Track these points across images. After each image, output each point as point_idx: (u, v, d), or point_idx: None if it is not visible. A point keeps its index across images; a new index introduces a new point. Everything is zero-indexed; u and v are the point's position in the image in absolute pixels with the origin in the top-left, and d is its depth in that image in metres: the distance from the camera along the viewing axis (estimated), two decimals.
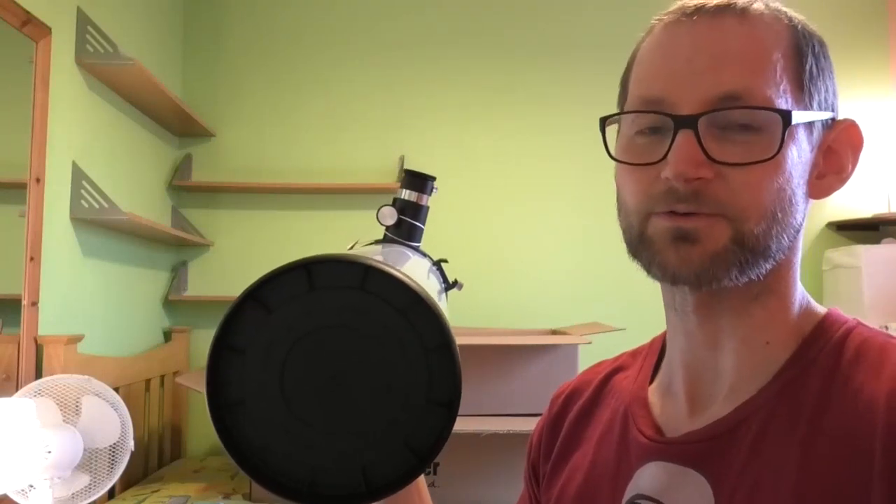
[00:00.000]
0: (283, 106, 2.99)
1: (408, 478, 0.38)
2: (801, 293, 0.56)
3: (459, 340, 0.37)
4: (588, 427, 0.65)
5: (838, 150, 0.55)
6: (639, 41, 0.59)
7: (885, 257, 2.64)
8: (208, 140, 2.97)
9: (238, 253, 2.93)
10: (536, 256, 2.98)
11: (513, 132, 3.02)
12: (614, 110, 0.60)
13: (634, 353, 0.69)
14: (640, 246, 0.55)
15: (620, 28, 3.04)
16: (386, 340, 0.38)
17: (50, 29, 1.93)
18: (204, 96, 2.96)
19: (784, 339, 0.53)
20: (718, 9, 0.52)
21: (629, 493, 0.55)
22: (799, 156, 0.51)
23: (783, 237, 0.51)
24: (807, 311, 0.55)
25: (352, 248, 0.63)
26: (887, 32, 3.06)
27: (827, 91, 0.54)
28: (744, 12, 0.52)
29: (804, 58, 0.52)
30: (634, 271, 0.57)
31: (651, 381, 0.63)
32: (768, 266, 0.52)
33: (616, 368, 0.68)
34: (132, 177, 2.53)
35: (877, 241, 2.82)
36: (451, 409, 0.38)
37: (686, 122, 0.50)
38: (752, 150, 0.49)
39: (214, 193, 2.94)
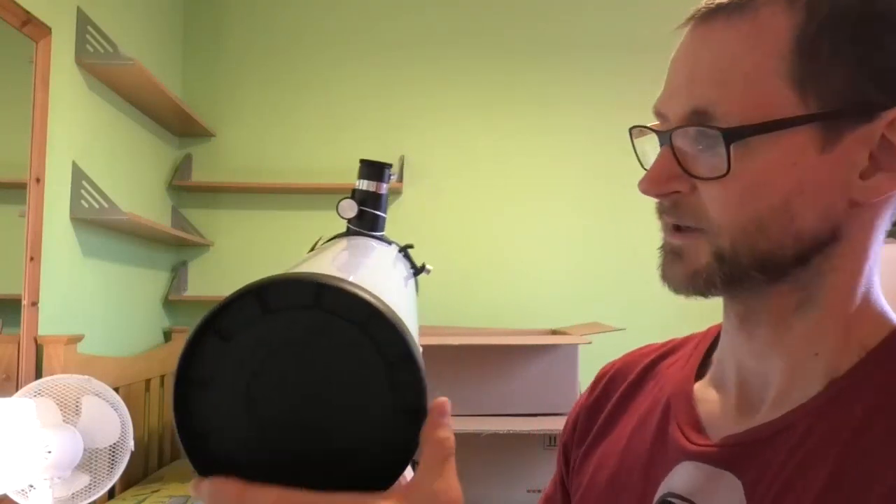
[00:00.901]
0: (283, 106, 2.99)
1: (384, 488, 0.39)
2: (865, 304, 0.52)
3: (460, 340, 0.37)
4: (626, 413, 0.64)
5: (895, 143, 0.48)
6: None
7: (886, 257, 2.63)
8: (208, 140, 2.97)
9: (238, 253, 2.93)
10: (536, 256, 2.98)
11: (513, 132, 3.02)
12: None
13: (686, 340, 0.66)
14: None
15: (621, 28, 3.05)
16: (347, 357, 0.37)
17: (50, 29, 1.93)
18: (204, 96, 2.96)
19: (838, 351, 0.50)
20: (709, 13, 0.50)
21: (661, 491, 0.54)
22: (793, 163, 0.48)
23: (781, 251, 0.49)
24: (875, 323, 0.51)
25: (314, 246, 0.62)
26: None
27: (857, 78, 0.47)
28: (733, 11, 0.49)
29: (808, 49, 0.47)
30: (634, 271, 0.57)
31: (698, 373, 0.61)
32: (771, 279, 0.50)
33: (665, 353, 0.66)
34: (132, 177, 2.53)
35: None
36: (417, 419, 0.38)
37: (663, 138, 0.52)
38: (717, 165, 0.48)
39: (214, 193, 2.94)
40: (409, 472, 0.60)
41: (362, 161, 0.67)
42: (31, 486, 1.54)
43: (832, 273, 0.50)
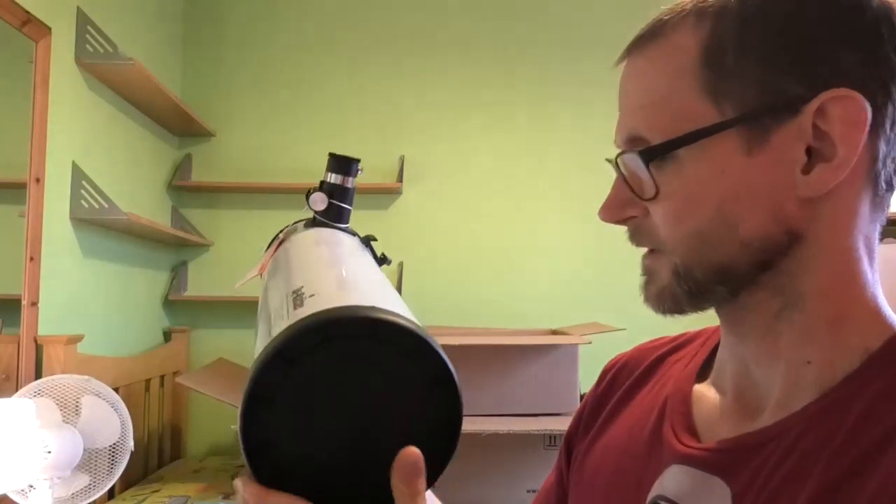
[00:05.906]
0: (283, 106, 2.99)
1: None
2: (857, 305, 0.49)
3: (460, 340, 0.41)
4: (627, 408, 0.63)
5: (828, 132, 0.46)
6: None
7: (885, 257, 2.62)
8: (208, 140, 2.97)
9: (238, 253, 2.93)
10: (536, 256, 2.98)
11: (513, 132, 3.02)
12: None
13: (697, 334, 0.65)
14: None
15: (621, 28, 3.03)
16: (395, 379, 0.42)
17: (50, 29, 1.93)
18: (204, 96, 2.96)
19: (833, 358, 0.48)
20: (632, 46, 0.53)
21: (653, 493, 0.54)
22: (721, 171, 0.48)
23: (732, 261, 0.49)
24: (876, 327, 0.49)
25: (278, 235, 0.68)
26: None
27: (770, 75, 0.47)
28: (648, 40, 0.52)
29: (716, 56, 0.48)
30: (634, 271, 0.57)
31: (704, 371, 0.59)
32: (735, 289, 0.50)
33: (675, 347, 0.65)
34: (132, 177, 2.53)
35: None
36: (452, 434, 0.44)
37: (615, 167, 0.54)
38: (651, 187, 0.51)
39: (214, 193, 2.94)
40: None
41: (331, 154, 0.71)
42: (31, 486, 1.54)
43: (807, 275, 0.49)
